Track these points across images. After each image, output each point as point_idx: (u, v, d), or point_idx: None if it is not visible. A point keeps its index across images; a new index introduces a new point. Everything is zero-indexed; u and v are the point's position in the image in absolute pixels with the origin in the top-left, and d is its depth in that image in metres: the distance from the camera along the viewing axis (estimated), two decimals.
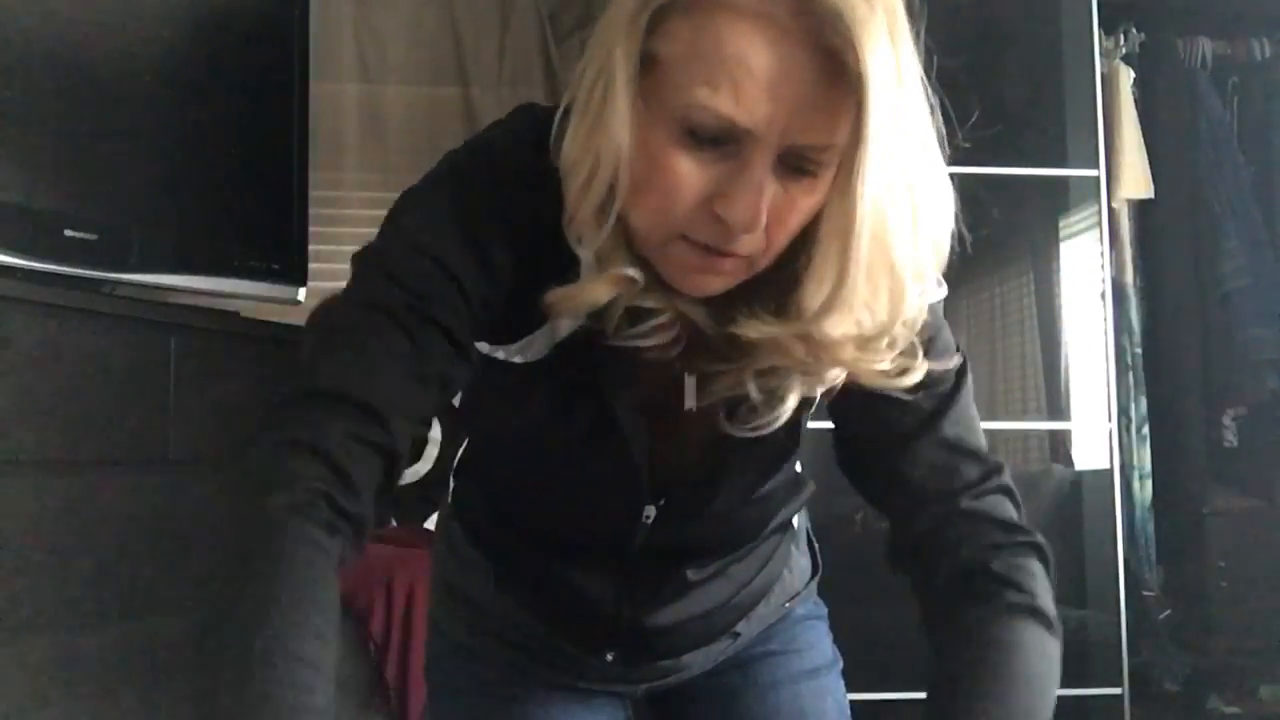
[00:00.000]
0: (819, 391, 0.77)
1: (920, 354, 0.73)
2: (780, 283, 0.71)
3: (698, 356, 0.77)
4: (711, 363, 0.76)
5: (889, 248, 0.66)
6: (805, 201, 0.68)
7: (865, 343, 0.70)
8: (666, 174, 0.67)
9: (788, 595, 1.06)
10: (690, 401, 0.79)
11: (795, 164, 0.67)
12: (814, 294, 0.67)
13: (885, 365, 0.71)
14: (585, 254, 0.73)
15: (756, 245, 0.69)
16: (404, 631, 2.40)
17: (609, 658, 0.98)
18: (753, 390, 0.74)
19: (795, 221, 0.68)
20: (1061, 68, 2.70)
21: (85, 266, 1.66)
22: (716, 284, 0.72)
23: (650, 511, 0.85)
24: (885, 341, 0.70)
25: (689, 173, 0.66)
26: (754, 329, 0.71)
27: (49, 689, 1.49)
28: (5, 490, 1.45)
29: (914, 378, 0.73)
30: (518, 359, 0.78)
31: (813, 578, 1.12)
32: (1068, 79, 2.68)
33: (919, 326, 0.73)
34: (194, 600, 1.77)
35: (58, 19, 1.66)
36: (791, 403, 0.75)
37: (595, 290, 0.72)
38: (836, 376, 0.74)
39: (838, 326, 0.68)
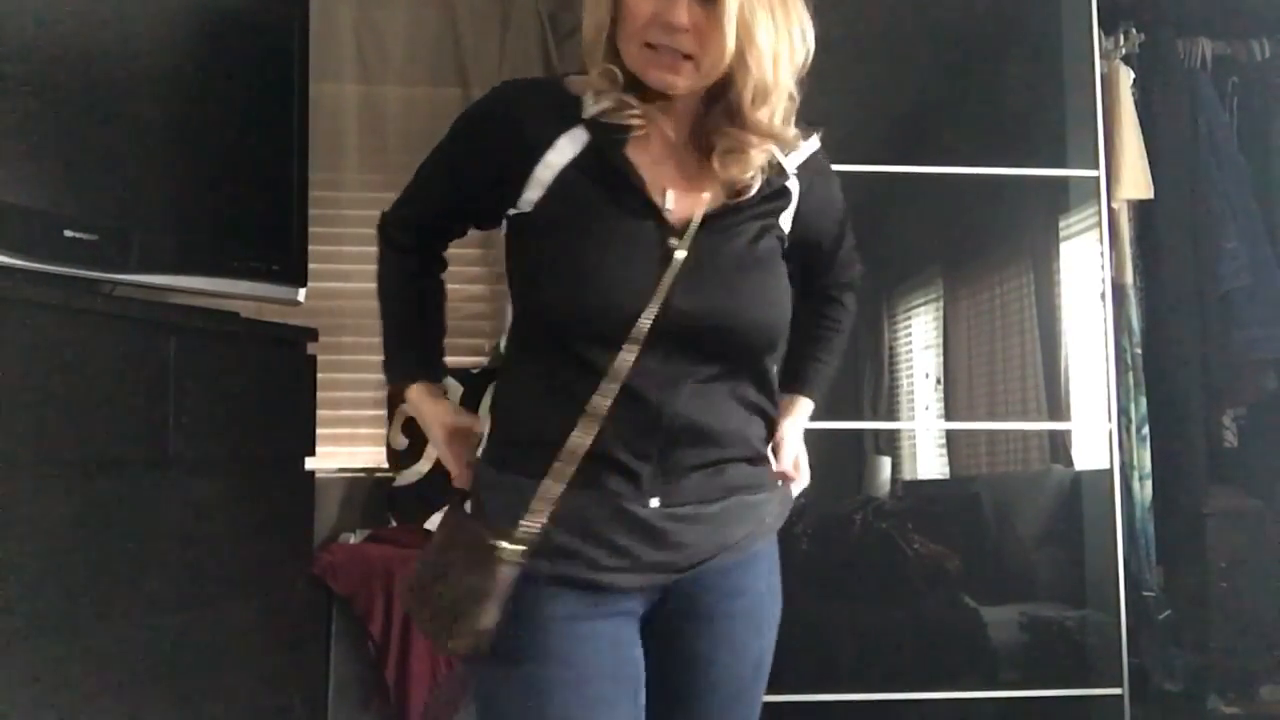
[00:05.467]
0: (760, 162, 1.18)
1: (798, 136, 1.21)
2: (720, 117, 1.17)
3: (671, 174, 1.19)
4: (681, 179, 1.19)
5: (763, 57, 1.12)
6: (715, 16, 1.10)
7: (773, 118, 1.16)
8: (632, 7, 1.13)
9: (763, 521, 1.25)
10: (670, 204, 1.18)
11: None
12: (745, 95, 1.13)
13: (789, 131, 1.18)
14: (593, 66, 1.16)
15: (693, 46, 1.11)
16: (403, 631, 2.40)
17: (649, 496, 1.15)
18: (717, 165, 1.17)
19: (714, 33, 1.10)
20: (1061, 68, 2.70)
21: (85, 266, 1.66)
22: (677, 81, 1.13)
23: (673, 242, 1.15)
24: (781, 117, 1.17)
25: (643, 3, 1.12)
26: (712, 128, 1.17)
27: (49, 689, 1.50)
28: (5, 490, 1.45)
29: (795, 138, 1.20)
30: (555, 160, 1.16)
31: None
32: (1068, 79, 2.68)
33: (793, 123, 1.19)
34: (194, 600, 1.77)
35: (58, 20, 1.66)
36: (756, 159, 1.17)
37: (596, 78, 1.16)
38: (765, 149, 1.18)
39: (758, 110, 1.14)
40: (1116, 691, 2.48)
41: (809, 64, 1.17)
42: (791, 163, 1.24)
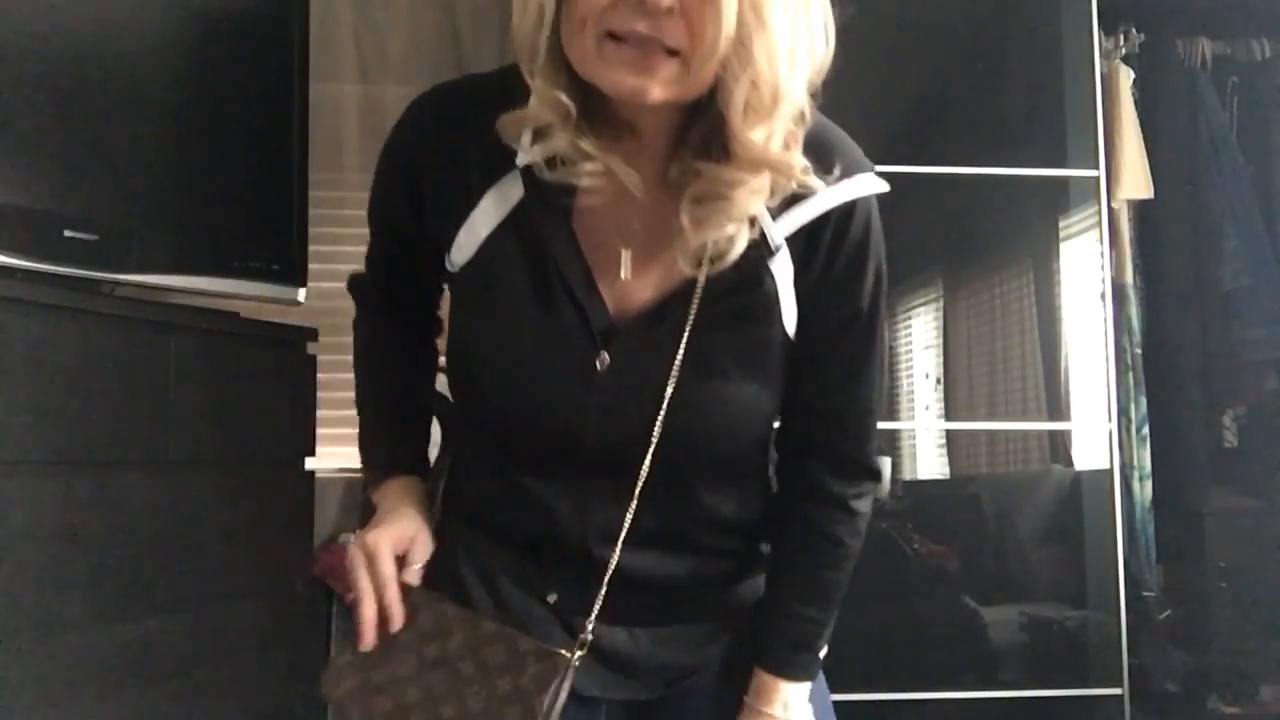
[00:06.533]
0: (750, 210, 0.86)
1: (819, 166, 0.88)
2: (692, 150, 0.86)
3: (632, 230, 0.91)
4: (645, 235, 0.91)
5: (774, 48, 0.78)
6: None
7: (770, 141, 0.83)
8: None
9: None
10: (625, 272, 0.91)
11: None
12: (736, 102, 0.80)
13: (798, 161, 0.85)
14: (534, 82, 0.85)
15: (679, 36, 0.78)
16: None
17: (555, 599, 0.98)
18: (685, 220, 0.85)
19: (708, 20, 0.77)
20: (1061, 68, 2.70)
21: (85, 267, 1.66)
22: (655, 89, 0.80)
23: (604, 358, 0.90)
24: (780, 142, 0.83)
25: None
26: (681, 167, 0.86)
27: (49, 689, 1.49)
28: (5, 490, 1.45)
29: (802, 170, 0.86)
30: (480, 222, 0.91)
31: None
32: (1068, 79, 2.68)
33: (814, 136, 0.87)
34: (194, 600, 1.77)
35: (57, 19, 1.66)
36: (730, 229, 0.85)
37: (537, 110, 0.85)
38: (758, 190, 0.85)
39: (753, 128, 0.81)
40: (1116, 691, 2.48)
41: (824, 71, 0.85)
42: (782, 229, 0.90)
